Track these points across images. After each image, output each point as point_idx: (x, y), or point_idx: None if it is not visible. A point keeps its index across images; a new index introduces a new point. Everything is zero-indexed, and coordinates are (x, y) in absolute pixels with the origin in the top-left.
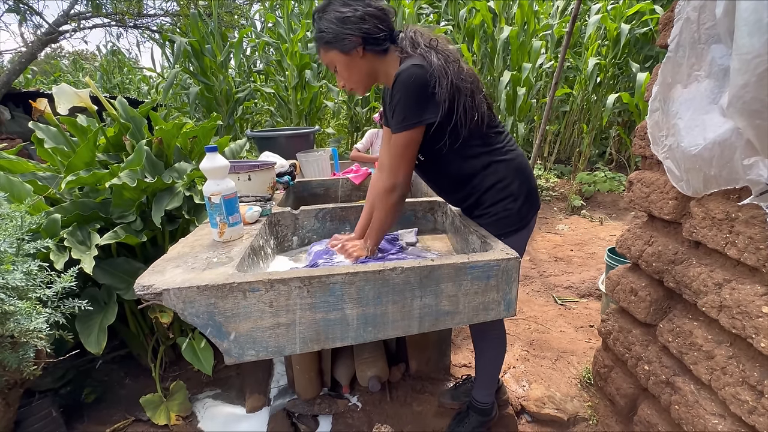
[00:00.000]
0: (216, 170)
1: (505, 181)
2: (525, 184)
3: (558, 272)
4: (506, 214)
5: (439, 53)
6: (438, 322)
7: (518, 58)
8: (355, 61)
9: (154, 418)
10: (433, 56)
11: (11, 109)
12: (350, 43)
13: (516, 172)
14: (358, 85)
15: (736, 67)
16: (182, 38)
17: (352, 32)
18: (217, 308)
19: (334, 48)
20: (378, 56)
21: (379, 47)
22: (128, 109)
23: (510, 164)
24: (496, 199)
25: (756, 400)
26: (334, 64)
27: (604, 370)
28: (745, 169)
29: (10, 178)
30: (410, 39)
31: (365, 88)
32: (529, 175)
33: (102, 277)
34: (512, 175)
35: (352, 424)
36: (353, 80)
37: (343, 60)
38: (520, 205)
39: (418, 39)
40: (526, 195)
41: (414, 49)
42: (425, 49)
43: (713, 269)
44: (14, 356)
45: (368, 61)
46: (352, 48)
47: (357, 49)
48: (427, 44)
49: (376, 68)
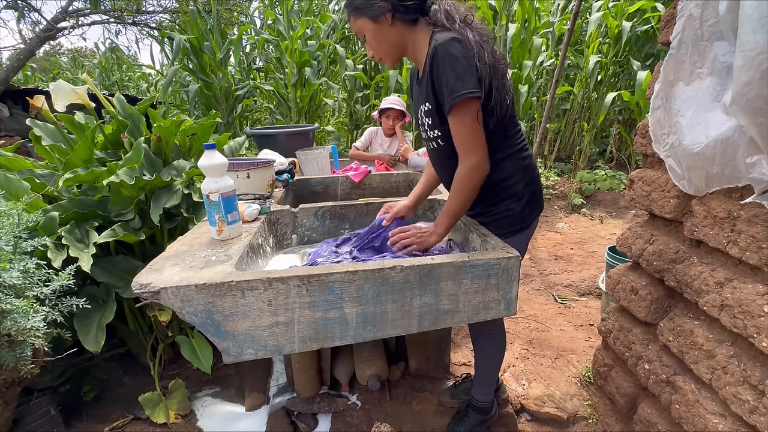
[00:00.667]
0: (215, 168)
1: (511, 180)
2: (530, 186)
3: (558, 271)
4: (508, 214)
5: (474, 30)
6: (438, 320)
7: (519, 56)
8: (383, 29)
9: (153, 416)
10: (468, 33)
11: (9, 106)
12: (379, 9)
13: (523, 171)
14: (387, 56)
15: (740, 65)
16: (181, 35)
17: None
18: (215, 307)
19: (363, 14)
20: (407, 26)
21: (408, 16)
22: (126, 106)
23: (519, 163)
24: (500, 197)
25: (757, 399)
26: (363, 32)
27: (604, 368)
28: (747, 168)
29: (8, 176)
30: (445, 11)
31: (393, 59)
32: (536, 177)
33: (100, 275)
34: (519, 174)
35: (351, 423)
36: (381, 50)
37: (372, 27)
38: (523, 206)
39: (453, 13)
40: (530, 196)
41: (450, 23)
42: (461, 26)
43: (715, 268)
44: (11, 355)
45: (397, 31)
46: (381, 14)
47: (386, 16)
48: (462, 20)
49: (405, 39)
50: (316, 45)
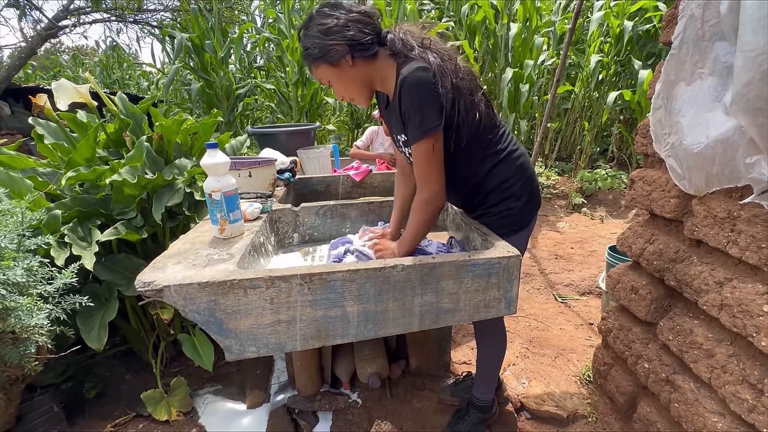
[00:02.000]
0: (217, 167)
1: (509, 182)
2: (528, 184)
3: (558, 270)
4: (508, 213)
5: (434, 53)
6: (438, 319)
7: (520, 55)
8: (345, 71)
9: (155, 413)
10: (429, 56)
11: (11, 104)
12: (336, 53)
13: (519, 171)
14: (357, 95)
15: (740, 65)
16: (183, 34)
17: (336, 41)
18: (217, 305)
19: (322, 62)
20: (369, 62)
21: (367, 52)
22: (128, 105)
23: (513, 164)
24: (499, 198)
25: (756, 398)
26: (327, 79)
27: (604, 367)
28: (747, 168)
29: (11, 174)
30: (401, 40)
31: (365, 97)
32: (532, 174)
33: (103, 273)
34: (515, 175)
35: (352, 421)
36: (349, 91)
37: (334, 72)
38: (523, 205)
39: (409, 40)
40: (528, 195)
41: (409, 51)
42: (420, 50)
43: (714, 268)
44: (15, 352)
45: (360, 69)
46: (340, 57)
47: (345, 58)
48: (420, 44)
49: (370, 74)
50: None
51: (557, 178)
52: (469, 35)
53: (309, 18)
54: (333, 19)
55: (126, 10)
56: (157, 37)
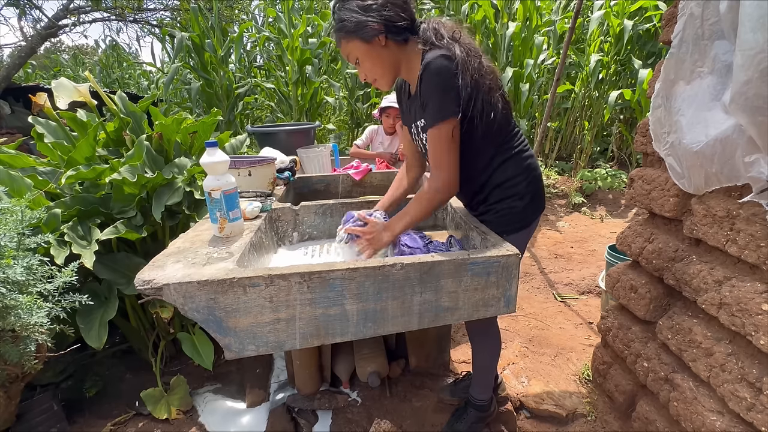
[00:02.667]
0: (216, 165)
1: (514, 180)
2: (533, 185)
3: (558, 269)
4: (510, 211)
5: (462, 46)
6: (438, 318)
7: (520, 54)
8: (377, 50)
9: (154, 412)
10: (456, 49)
11: (11, 103)
12: (372, 30)
13: (526, 171)
14: (382, 77)
15: (739, 64)
16: (183, 33)
17: (374, 19)
18: (217, 303)
19: (356, 37)
20: (400, 46)
21: (400, 36)
22: (128, 104)
23: (521, 163)
24: (503, 196)
25: (754, 397)
26: (355, 55)
27: (603, 366)
28: (746, 167)
29: (11, 173)
30: (433, 29)
31: (388, 80)
32: (538, 177)
33: (102, 272)
34: (521, 174)
35: (351, 419)
36: (377, 72)
37: (365, 50)
38: (525, 205)
39: (441, 30)
40: (532, 196)
41: (438, 40)
42: (449, 42)
43: (713, 267)
44: (15, 350)
45: (390, 51)
46: (374, 36)
47: (379, 37)
48: (450, 36)
49: (399, 59)
50: (317, 43)
51: (557, 177)
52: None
53: None
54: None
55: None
56: (157, 36)
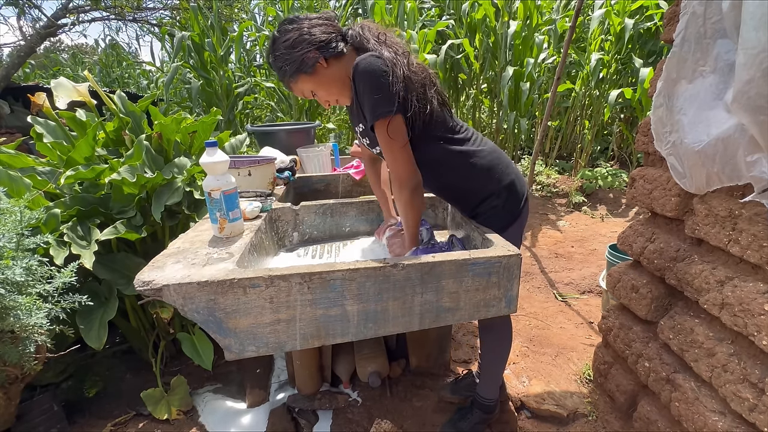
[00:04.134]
0: (216, 165)
1: (480, 182)
2: (503, 179)
3: (559, 269)
4: (494, 212)
5: (388, 47)
6: (438, 318)
7: (521, 53)
8: (323, 75)
9: (155, 412)
10: (384, 50)
11: (10, 103)
12: (310, 60)
13: (489, 170)
14: (340, 95)
15: (742, 62)
16: (182, 32)
17: (306, 50)
18: (217, 304)
19: (299, 74)
20: (340, 59)
21: (336, 50)
22: (128, 103)
23: (479, 164)
24: (479, 199)
25: (757, 397)
26: (308, 89)
27: (604, 366)
28: (747, 166)
29: (10, 173)
30: (359, 34)
31: (347, 95)
32: (505, 169)
33: (102, 272)
34: (485, 175)
35: (352, 419)
36: (332, 93)
37: (314, 80)
38: (505, 200)
39: (366, 34)
40: (508, 189)
41: (366, 43)
42: (375, 43)
43: (715, 267)
44: (15, 351)
45: (334, 68)
46: (314, 64)
47: (319, 62)
48: (375, 39)
49: (346, 71)
50: None
51: (557, 176)
52: (469, 33)
53: (272, 41)
54: (295, 31)
55: (125, 8)
56: (156, 36)
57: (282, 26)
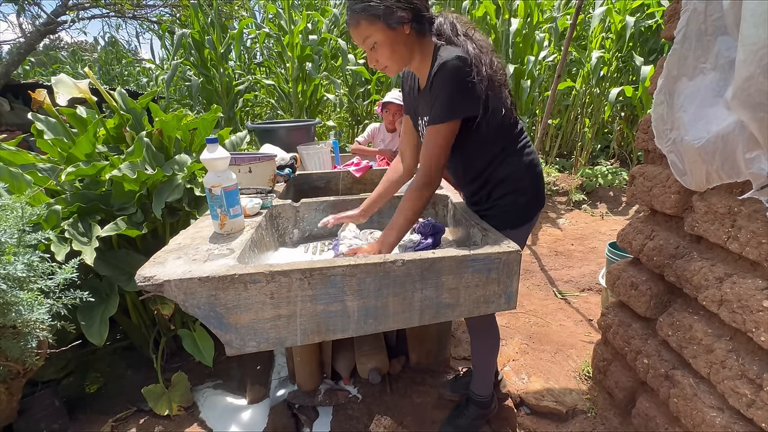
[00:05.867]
0: (217, 162)
1: (517, 175)
2: (535, 182)
3: (558, 266)
4: (514, 207)
5: (475, 43)
6: (438, 314)
7: (521, 51)
8: (400, 37)
9: (155, 408)
10: (470, 46)
11: (10, 100)
12: (400, 18)
13: (528, 168)
14: (395, 64)
15: (742, 59)
16: (182, 29)
17: (403, 6)
18: (218, 300)
19: (381, 21)
20: (419, 37)
21: (424, 27)
22: (128, 100)
23: (524, 160)
24: (507, 191)
25: (755, 393)
26: (374, 40)
27: (603, 363)
28: (746, 163)
29: (11, 170)
30: (451, 24)
31: (399, 69)
32: (540, 175)
33: (103, 268)
34: (524, 171)
35: (352, 416)
36: (393, 59)
37: (388, 36)
38: (527, 201)
39: (458, 26)
40: (534, 192)
41: (455, 36)
42: (464, 38)
43: (714, 263)
44: (17, 346)
45: (411, 41)
46: (401, 23)
47: (405, 26)
48: (464, 33)
49: (415, 49)
50: (318, 39)
51: (558, 174)
52: None
53: None
54: None
55: (125, 5)
56: (156, 33)
57: None
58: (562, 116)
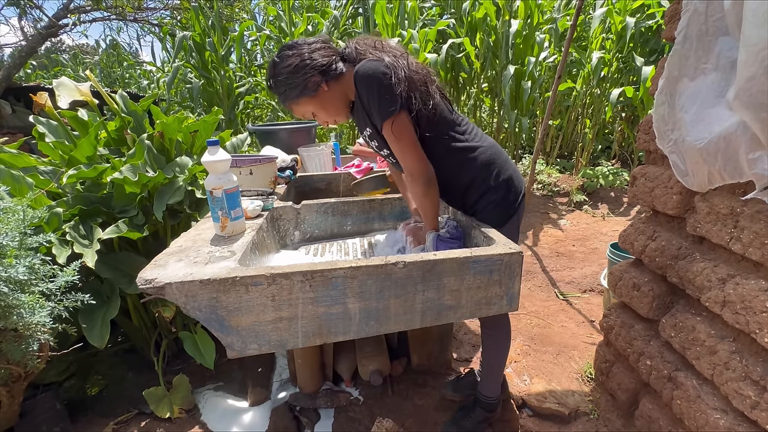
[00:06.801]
0: (218, 164)
1: (479, 178)
2: (501, 174)
3: (560, 267)
4: (491, 208)
5: (386, 53)
6: (440, 316)
7: (522, 52)
8: (325, 97)
9: (157, 411)
10: (383, 55)
11: (12, 103)
12: (312, 85)
13: (487, 166)
14: (339, 115)
15: (743, 59)
16: (183, 32)
17: (309, 74)
18: (219, 302)
19: (302, 97)
20: (339, 80)
21: (336, 72)
22: (129, 103)
23: (479, 159)
24: (478, 195)
25: (759, 395)
26: (310, 111)
27: (606, 365)
28: (749, 164)
29: (12, 173)
30: (354, 48)
31: (345, 113)
32: (503, 164)
33: (104, 271)
34: (484, 170)
35: (353, 418)
36: (332, 114)
37: (316, 102)
38: (503, 196)
39: (362, 47)
40: (506, 184)
41: (361, 54)
42: (372, 51)
43: (717, 264)
44: (18, 349)
45: (335, 90)
46: (318, 87)
47: (321, 86)
48: (372, 48)
49: (344, 90)
50: None
51: (558, 175)
52: (470, 32)
53: (271, 66)
54: (295, 57)
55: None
56: (157, 36)
57: (282, 52)
58: (562, 117)
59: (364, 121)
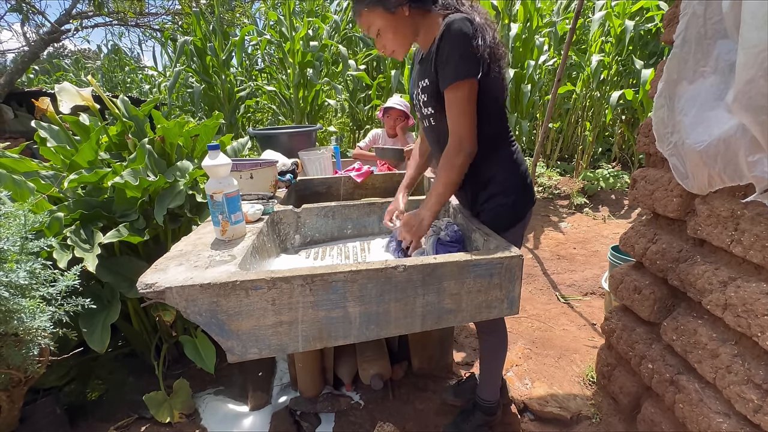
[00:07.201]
0: (218, 168)
1: (502, 175)
2: (521, 178)
3: (561, 270)
4: (502, 209)
5: (480, 15)
6: (440, 320)
7: (521, 56)
8: (400, 20)
9: (157, 415)
10: (476, 16)
11: (14, 108)
12: (397, 1)
13: (513, 165)
14: (400, 47)
15: (742, 62)
16: (185, 37)
17: None
18: (219, 306)
19: (379, 7)
20: (422, 14)
21: (424, 4)
22: (130, 107)
23: (510, 157)
24: (492, 193)
25: (761, 398)
26: (377, 26)
27: (607, 368)
28: (749, 166)
29: (14, 177)
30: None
31: (406, 51)
32: (525, 170)
33: (105, 275)
34: (509, 168)
35: (354, 422)
36: (397, 42)
37: (389, 20)
38: (515, 199)
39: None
40: (522, 189)
41: (460, 5)
42: (469, 8)
43: (718, 267)
44: (18, 354)
45: (412, 21)
46: (399, 5)
47: (403, 7)
48: (470, 4)
49: (419, 27)
50: (319, 45)
51: (559, 178)
52: None
53: None
54: None
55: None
56: (158, 41)
57: None
58: (562, 120)
59: (426, 73)
